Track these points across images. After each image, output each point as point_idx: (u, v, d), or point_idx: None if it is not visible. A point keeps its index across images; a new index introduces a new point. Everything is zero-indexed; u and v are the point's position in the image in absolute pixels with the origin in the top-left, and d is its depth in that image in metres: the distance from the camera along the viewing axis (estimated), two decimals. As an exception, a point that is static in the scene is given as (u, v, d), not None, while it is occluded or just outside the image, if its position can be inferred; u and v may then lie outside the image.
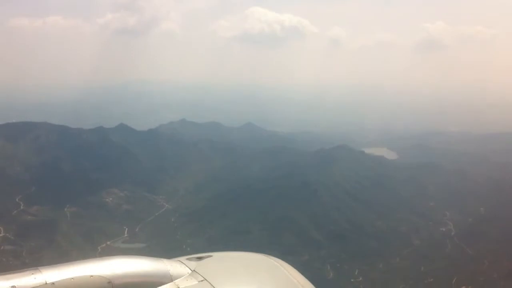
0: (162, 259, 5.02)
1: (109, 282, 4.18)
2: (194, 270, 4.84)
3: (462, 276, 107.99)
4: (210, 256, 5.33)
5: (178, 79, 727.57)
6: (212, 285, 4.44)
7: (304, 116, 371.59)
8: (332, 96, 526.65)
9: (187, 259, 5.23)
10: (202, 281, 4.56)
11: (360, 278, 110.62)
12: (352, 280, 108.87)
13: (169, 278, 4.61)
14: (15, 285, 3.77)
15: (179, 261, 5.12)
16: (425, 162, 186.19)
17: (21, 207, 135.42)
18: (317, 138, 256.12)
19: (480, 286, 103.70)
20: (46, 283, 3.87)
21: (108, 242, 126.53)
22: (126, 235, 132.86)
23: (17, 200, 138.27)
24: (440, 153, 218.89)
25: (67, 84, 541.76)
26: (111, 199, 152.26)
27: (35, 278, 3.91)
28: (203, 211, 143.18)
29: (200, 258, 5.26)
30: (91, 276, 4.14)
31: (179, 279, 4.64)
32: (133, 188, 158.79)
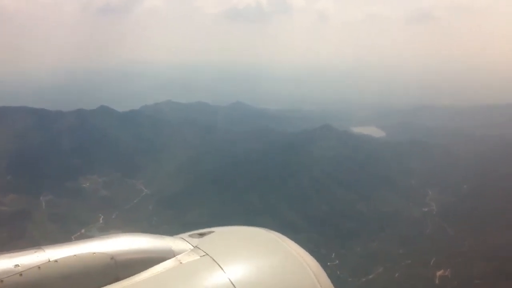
0: (164, 236, 4.92)
1: (112, 258, 4.14)
2: (196, 246, 4.72)
3: (441, 258, 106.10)
4: (212, 231, 5.19)
5: (164, 59, 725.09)
6: (214, 259, 4.34)
7: (295, 92, 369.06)
8: (321, 72, 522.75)
9: (189, 235, 5.13)
10: (204, 256, 4.46)
11: (337, 262, 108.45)
12: (328, 263, 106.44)
13: (172, 254, 4.51)
14: (19, 263, 3.75)
15: (181, 237, 5.02)
16: (411, 140, 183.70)
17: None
18: (306, 115, 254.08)
19: (458, 268, 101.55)
20: (49, 261, 3.85)
21: (83, 230, 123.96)
22: (101, 222, 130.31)
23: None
24: (428, 129, 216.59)
25: (49, 67, 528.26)
26: (88, 184, 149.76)
27: (38, 256, 3.87)
28: (181, 196, 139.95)
29: (202, 234, 5.11)
30: (94, 253, 4.11)
31: (181, 255, 4.53)
32: (112, 173, 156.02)
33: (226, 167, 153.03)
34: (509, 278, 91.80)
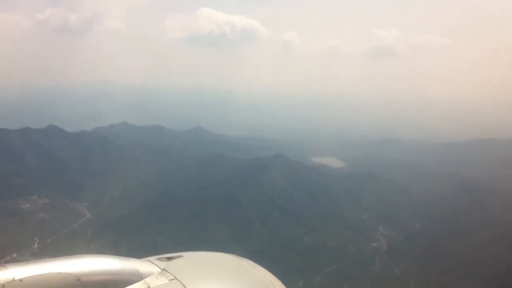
0: (131, 258, 4.83)
1: (78, 280, 4.08)
2: (164, 269, 4.70)
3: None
4: (181, 256, 5.18)
5: (124, 81, 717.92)
6: (182, 283, 4.37)
7: (258, 120, 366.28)
8: (286, 101, 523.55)
9: (157, 258, 5.07)
10: (172, 279, 4.46)
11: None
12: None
13: (139, 277, 4.48)
14: None
15: (149, 260, 4.97)
16: (368, 173, 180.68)
17: None
18: (266, 144, 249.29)
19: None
20: (14, 280, 3.80)
21: (14, 255, 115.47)
22: (35, 246, 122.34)
23: None
24: (389, 164, 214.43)
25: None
26: (27, 206, 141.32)
27: (2, 274, 3.82)
28: (123, 221, 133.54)
29: (170, 258, 5.09)
30: (59, 273, 4.04)
31: (149, 278, 4.51)
32: (55, 195, 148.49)
33: (173, 193, 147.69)
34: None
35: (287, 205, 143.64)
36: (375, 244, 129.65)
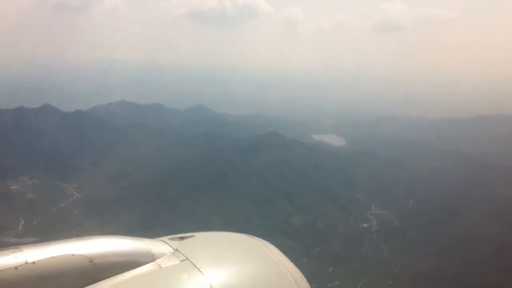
0: (144, 238, 4.80)
1: (90, 261, 4.08)
2: (176, 249, 4.65)
3: (370, 280, 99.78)
4: (193, 236, 5.14)
5: (124, 58, 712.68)
6: (194, 264, 4.32)
7: (260, 98, 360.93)
8: (288, 78, 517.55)
9: (169, 238, 5.02)
10: (184, 260, 4.42)
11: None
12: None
13: (151, 258, 4.44)
14: None
15: (162, 240, 4.91)
16: (364, 151, 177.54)
17: None
18: (266, 121, 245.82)
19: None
20: (27, 262, 3.80)
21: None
22: (20, 228, 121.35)
23: None
24: (387, 141, 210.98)
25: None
26: (16, 187, 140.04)
27: (16, 257, 3.82)
28: (111, 202, 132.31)
29: (182, 238, 5.04)
30: (73, 255, 4.04)
31: (161, 259, 4.46)
32: (45, 176, 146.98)
33: (165, 173, 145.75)
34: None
35: (279, 185, 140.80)
36: (365, 225, 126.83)
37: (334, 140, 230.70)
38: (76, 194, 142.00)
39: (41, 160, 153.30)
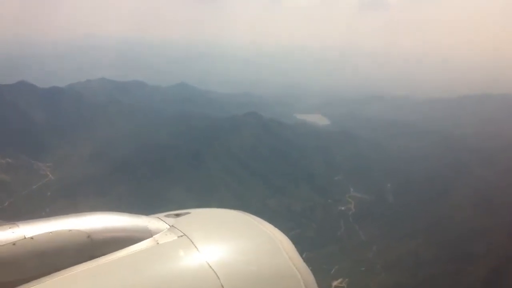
0: (141, 215, 4.85)
1: (88, 237, 4.11)
2: (172, 226, 4.67)
3: (344, 265, 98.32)
4: (188, 213, 5.16)
5: (105, 35, 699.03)
6: (190, 240, 4.35)
7: (246, 75, 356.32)
8: (274, 56, 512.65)
9: (165, 215, 5.07)
10: (181, 236, 4.43)
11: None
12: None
13: (149, 234, 4.48)
14: None
15: (158, 217, 4.93)
16: (345, 132, 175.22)
17: None
18: (250, 100, 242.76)
19: (357, 278, 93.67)
20: (25, 238, 3.84)
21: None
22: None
23: None
24: (371, 121, 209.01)
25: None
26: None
27: (13, 233, 3.87)
28: (86, 183, 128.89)
29: (178, 215, 5.07)
30: (70, 230, 4.07)
31: (158, 235, 4.49)
32: (18, 155, 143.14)
33: (140, 153, 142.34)
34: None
35: (255, 166, 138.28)
36: (343, 208, 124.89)
37: (318, 120, 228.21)
38: (50, 175, 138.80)
39: (15, 138, 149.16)
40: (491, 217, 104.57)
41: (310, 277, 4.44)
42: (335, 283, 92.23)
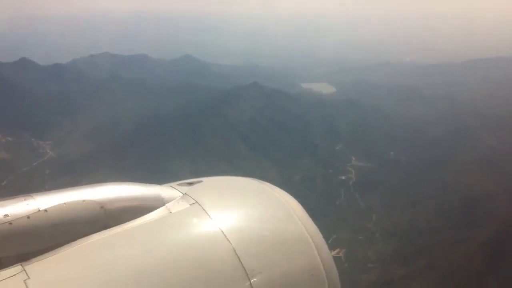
0: (153, 184, 4.79)
1: (101, 207, 4.08)
2: (185, 194, 4.61)
3: (342, 234, 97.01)
4: (201, 181, 5.02)
5: (109, 7, 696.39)
6: (202, 208, 4.35)
7: (251, 47, 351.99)
8: (281, 25, 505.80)
9: (178, 184, 4.94)
10: (193, 204, 4.43)
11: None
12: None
13: (161, 202, 4.44)
14: (8, 213, 3.73)
15: (171, 186, 4.87)
16: (350, 99, 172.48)
17: None
18: (257, 72, 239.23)
19: (355, 248, 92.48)
20: (39, 210, 3.79)
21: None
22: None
23: None
24: (377, 88, 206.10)
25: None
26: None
27: (28, 205, 3.80)
28: (85, 160, 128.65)
29: (191, 184, 4.94)
30: (84, 201, 4.03)
31: (170, 203, 4.46)
32: (20, 133, 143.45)
33: (140, 128, 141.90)
34: (403, 261, 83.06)
35: (256, 138, 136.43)
36: (343, 177, 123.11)
37: (324, 88, 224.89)
38: (50, 152, 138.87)
39: (16, 116, 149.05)
40: (496, 184, 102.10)
41: (323, 243, 4.31)
42: (332, 253, 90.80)
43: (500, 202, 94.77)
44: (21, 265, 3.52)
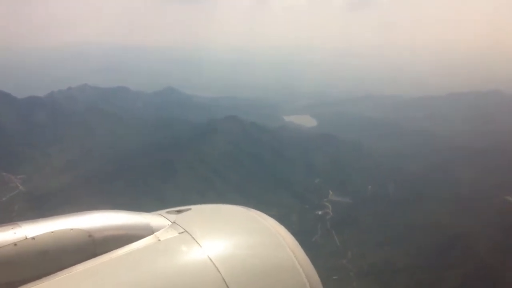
0: (142, 212, 4.87)
1: (90, 236, 4.10)
2: (174, 222, 4.67)
3: (317, 272, 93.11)
4: (190, 209, 5.16)
5: (91, 41, 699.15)
6: (192, 236, 4.35)
7: (234, 78, 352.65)
8: (263, 57, 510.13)
9: (166, 212, 5.04)
10: (182, 232, 4.44)
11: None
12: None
13: (150, 231, 4.48)
14: None
15: (159, 214, 4.96)
16: (329, 133, 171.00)
17: None
18: (238, 104, 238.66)
19: (329, 287, 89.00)
20: (26, 238, 3.82)
21: None
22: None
23: None
24: (359, 120, 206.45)
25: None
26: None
27: (15, 233, 3.85)
28: (56, 194, 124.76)
29: (179, 211, 5.04)
30: (71, 229, 4.06)
31: (159, 232, 4.50)
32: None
33: (115, 162, 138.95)
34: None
35: (230, 173, 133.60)
36: (320, 212, 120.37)
37: (306, 121, 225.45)
38: (21, 187, 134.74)
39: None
40: (473, 222, 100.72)
41: (313, 272, 4.33)
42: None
43: (478, 240, 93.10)
44: None
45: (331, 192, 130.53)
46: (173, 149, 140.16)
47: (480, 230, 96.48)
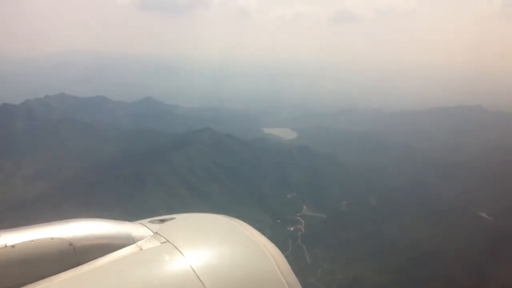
0: (124, 221, 4.78)
1: (70, 245, 4.04)
2: (156, 232, 4.63)
3: None
4: (173, 218, 5.12)
5: (71, 49, 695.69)
6: (174, 246, 4.31)
7: (215, 89, 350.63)
8: (246, 69, 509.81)
9: (149, 221, 5.03)
10: (164, 242, 4.41)
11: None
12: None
13: (132, 240, 4.43)
14: None
15: (141, 223, 4.90)
16: (306, 146, 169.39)
17: None
18: (218, 115, 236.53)
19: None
20: (6, 246, 3.78)
21: None
22: None
23: None
24: (338, 134, 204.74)
25: None
26: None
27: None
28: (22, 205, 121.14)
29: (162, 221, 5.03)
30: (52, 238, 4.00)
31: (141, 241, 4.45)
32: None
33: (85, 173, 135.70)
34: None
35: (200, 185, 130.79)
36: (292, 228, 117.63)
37: (285, 134, 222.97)
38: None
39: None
40: (446, 240, 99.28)
41: (295, 281, 4.25)
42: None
43: (449, 260, 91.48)
44: None
45: (304, 207, 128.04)
46: (143, 161, 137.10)
47: (452, 250, 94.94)
